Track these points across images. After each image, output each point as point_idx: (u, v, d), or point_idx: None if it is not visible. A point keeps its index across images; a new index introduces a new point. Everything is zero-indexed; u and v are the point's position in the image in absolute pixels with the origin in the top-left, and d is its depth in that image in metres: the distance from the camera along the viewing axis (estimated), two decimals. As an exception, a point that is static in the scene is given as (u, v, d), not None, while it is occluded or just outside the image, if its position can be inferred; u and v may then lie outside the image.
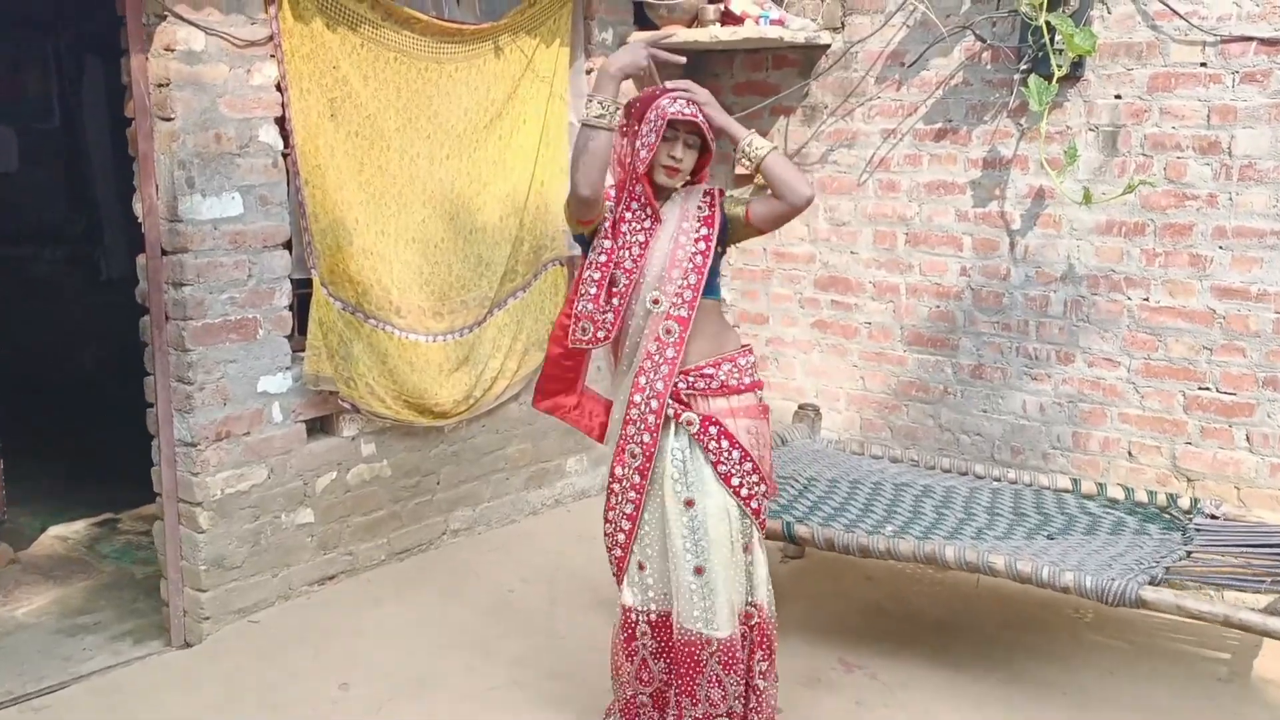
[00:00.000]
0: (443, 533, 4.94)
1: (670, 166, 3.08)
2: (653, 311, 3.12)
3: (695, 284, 3.10)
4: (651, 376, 3.10)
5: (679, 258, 3.11)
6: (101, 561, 4.85)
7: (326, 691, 3.77)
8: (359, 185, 4.29)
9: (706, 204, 3.17)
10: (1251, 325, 4.27)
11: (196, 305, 3.95)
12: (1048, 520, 4.06)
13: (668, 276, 3.10)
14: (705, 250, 3.12)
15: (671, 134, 3.05)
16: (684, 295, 3.10)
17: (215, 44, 3.89)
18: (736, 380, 3.15)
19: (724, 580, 3.09)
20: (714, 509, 3.09)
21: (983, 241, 4.86)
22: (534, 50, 4.84)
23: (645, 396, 3.11)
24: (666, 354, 3.10)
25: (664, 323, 3.10)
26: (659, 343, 3.11)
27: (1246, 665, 3.95)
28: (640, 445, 3.12)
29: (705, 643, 3.10)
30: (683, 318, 3.10)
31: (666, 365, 3.10)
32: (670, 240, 3.13)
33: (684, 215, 3.15)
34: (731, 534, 3.12)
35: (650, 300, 3.11)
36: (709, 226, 3.14)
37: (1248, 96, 4.18)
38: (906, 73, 4.97)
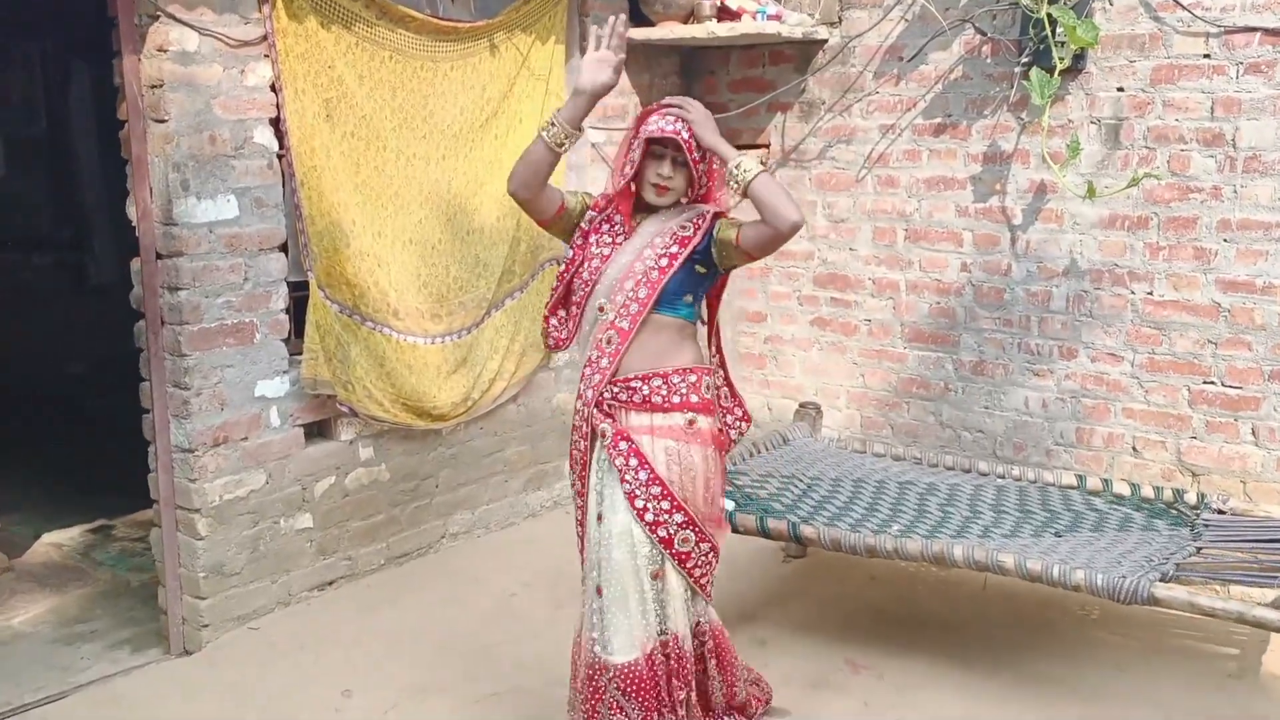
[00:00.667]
0: (442, 536, 4.90)
1: (659, 185, 3.04)
2: (599, 320, 3.08)
3: (644, 297, 3.03)
4: (586, 384, 3.09)
5: (636, 270, 3.04)
6: (97, 569, 4.80)
7: (329, 698, 3.72)
8: (355, 187, 4.24)
9: (693, 225, 3.07)
10: (1257, 318, 4.24)
11: (192, 309, 3.90)
12: (1054, 517, 4.03)
13: (619, 286, 3.05)
14: (666, 266, 3.03)
15: (660, 151, 3.02)
16: (629, 307, 3.03)
17: (209, 44, 3.83)
18: (662, 398, 3.04)
19: (620, 605, 3.02)
20: (618, 529, 3.02)
21: (983, 237, 4.83)
22: (529, 48, 4.80)
23: (582, 403, 3.11)
24: (601, 364, 3.06)
25: (607, 331, 3.06)
26: (599, 350, 3.07)
27: (1255, 661, 3.93)
28: (579, 451, 3.15)
29: (602, 667, 3.05)
30: (623, 329, 3.03)
31: (599, 374, 3.06)
32: (634, 253, 3.07)
33: (660, 231, 3.08)
34: (635, 559, 3.02)
35: (597, 307, 3.08)
36: (683, 245, 3.05)
37: (1252, 88, 4.15)
38: (905, 67, 4.93)
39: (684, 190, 3.08)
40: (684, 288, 3.08)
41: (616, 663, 3.03)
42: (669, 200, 3.07)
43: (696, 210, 3.11)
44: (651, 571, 3.04)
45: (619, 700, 3.04)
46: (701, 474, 3.06)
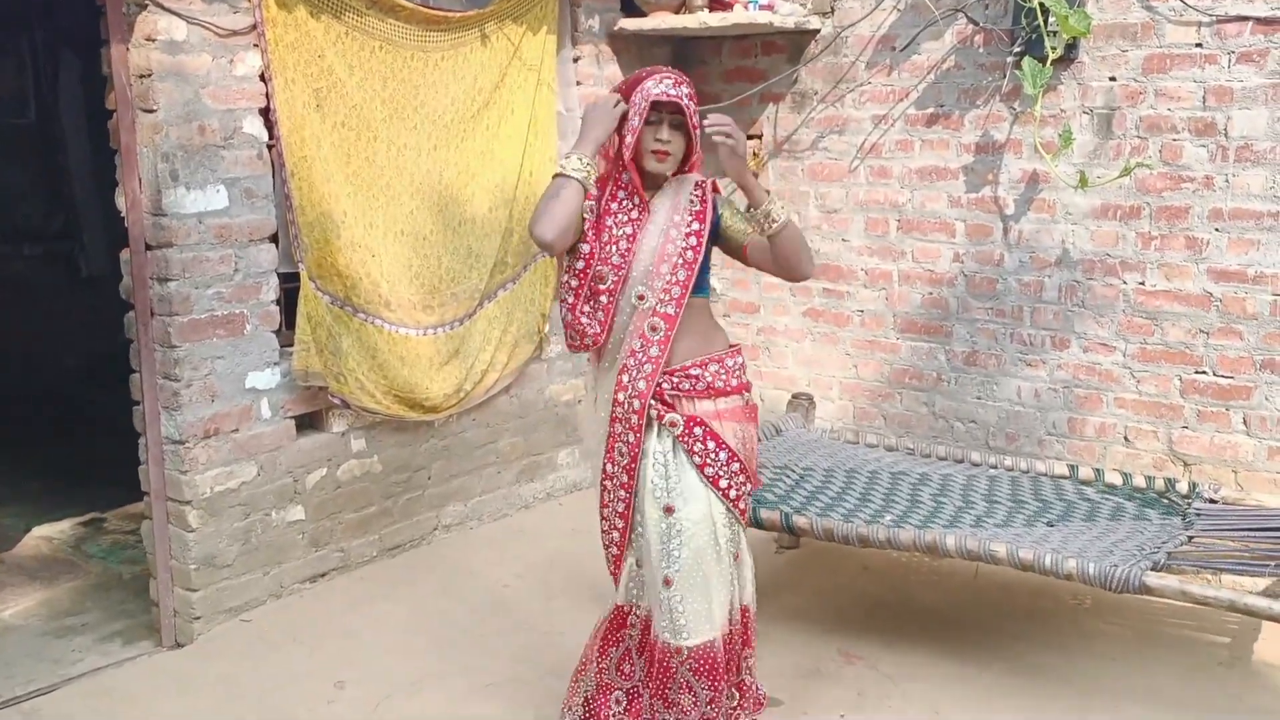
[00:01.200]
0: (434, 528, 4.89)
1: (659, 150, 2.97)
2: (638, 308, 3.00)
3: (684, 280, 3.00)
4: (634, 375, 2.99)
5: (668, 252, 3.00)
6: (88, 561, 4.78)
7: (322, 691, 3.71)
8: (346, 177, 4.23)
9: (698, 196, 3.06)
10: (1249, 308, 4.24)
11: (182, 301, 3.88)
12: (1046, 507, 4.03)
13: (655, 272, 2.99)
14: (697, 245, 3.01)
15: (656, 117, 2.96)
16: (671, 292, 2.99)
17: (197, 33, 3.81)
18: (723, 382, 3.05)
19: (700, 592, 3.01)
20: (697, 516, 3.00)
21: (976, 227, 4.82)
22: (521, 38, 4.78)
23: (628, 395, 3.00)
24: (650, 352, 2.99)
25: (649, 319, 2.99)
26: (643, 340, 3.00)
27: (1247, 649, 3.94)
28: (626, 444, 3.03)
29: (675, 651, 3.05)
30: (669, 315, 2.99)
31: (650, 364, 2.99)
32: (660, 234, 3.01)
33: (675, 207, 3.04)
34: (718, 541, 3.04)
35: (635, 296, 3.00)
36: (700, 221, 3.03)
37: (1244, 77, 4.15)
38: (897, 57, 4.92)
39: (679, 157, 3.01)
40: (707, 264, 3.08)
41: (691, 644, 3.03)
42: (668, 167, 3.01)
43: (692, 180, 3.08)
44: (734, 554, 3.10)
45: (689, 680, 3.05)
46: (755, 447, 3.17)
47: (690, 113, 2.96)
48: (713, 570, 3.03)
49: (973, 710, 3.58)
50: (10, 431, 6.27)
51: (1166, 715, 3.54)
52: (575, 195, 2.92)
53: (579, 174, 2.92)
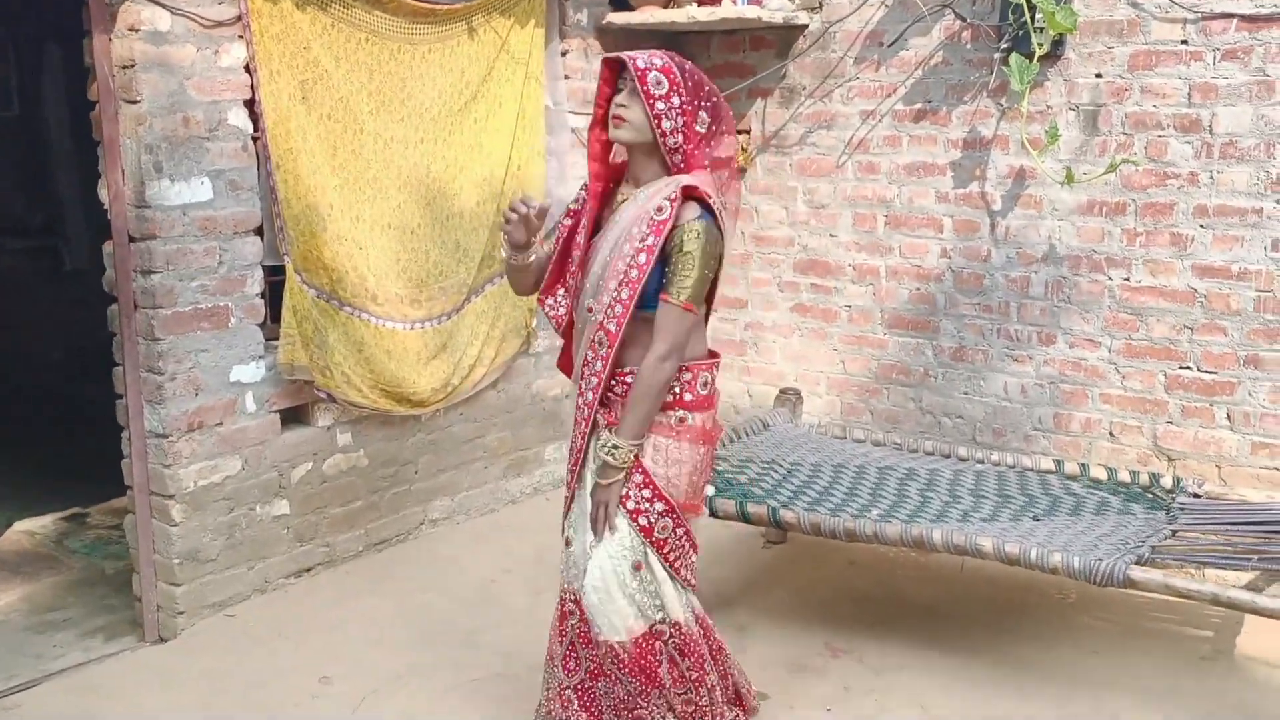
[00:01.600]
0: (421, 523, 4.88)
1: (615, 116, 2.83)
2: (588, 319, 2.96)
3: (626, 299, 2.85)
4: (585, 385, 2.98)
5: (617, 268, 2.87)
6: (70, 557, 4.75)
7: (307, 685, 3.70)
8: (332, 170, 4.21)
9: (669, 205, 2.82)
10: (1233, 304, 4.26)
11: (166, 293, 3.86)
12: (1032, 502, 4.04)
13: (604, 286, 2.90)
14: (645, 264, 2.82)
15: (621, 84, 2.84)
16: (614, 310, 2.88)
17: (182, 24, 3.79)
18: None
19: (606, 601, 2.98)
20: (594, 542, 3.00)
21: (963, 223, 4.83)
22: (508, 31, 4.76)
23: (582, 401, 3.00)
24: (595, 366, 2.94)
25: (596, 333, 2.93)
26: (593, 351, 2.95)
27: (1230, 643, 3.96)
28: (574, 447, 3.06)
29: (596, 643, 3.04)
30: (610, 331, 2.89)
31: (595, 378, 2.94)
32: (612, 246, 2.90)
33: (637, 218, 2.87)
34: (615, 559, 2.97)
35: (585, 308, 2.97)
36: (657, 234, 2.81)
37: (1229, 74, 4.17)
38: (885, 53, 4.92)
39: (641, 128, 2.81)
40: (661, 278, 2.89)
41: (601, 639, 3.02)
42: (626, 134, 2.83)
43: (676, 185, 2.84)
44: (632, 562, 2.98)
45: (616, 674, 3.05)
46: (689, 467, 2.98)
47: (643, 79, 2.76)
48: (613, 583, 2.98)
49: (958, 703, 3.59)
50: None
51: (1149, 708, 3.56)
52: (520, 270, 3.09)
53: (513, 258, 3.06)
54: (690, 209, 2.83)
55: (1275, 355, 4.20)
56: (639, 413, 2.88)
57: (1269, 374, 4.22)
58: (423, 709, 3.57)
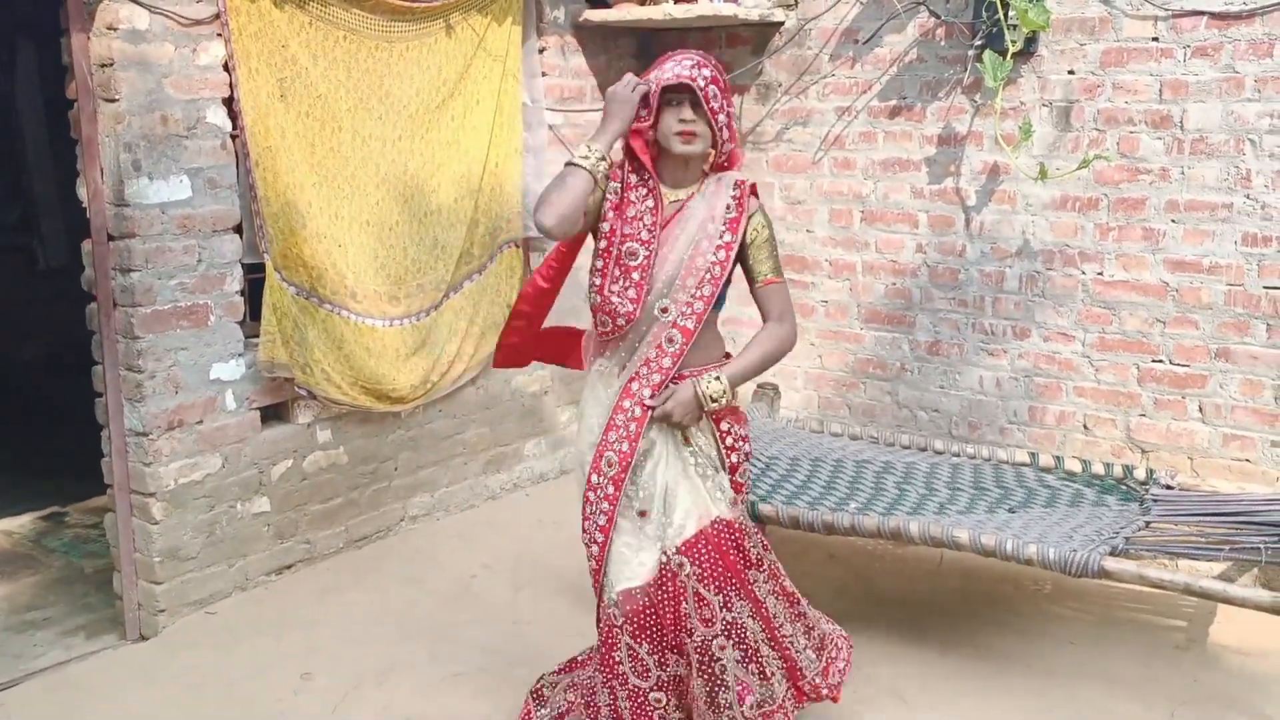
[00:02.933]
0: (401, 519, 4.89)
1: (683, 131, 2.87)
2: (659, 320, 2.94)
3: (708, 296, 2.93)
4: (643, 384, 2.95)
5: (697, 265, 2.92)
6: (49, 556, 4.74)
7: (288, 682, 3.70)
8: (311, 167, 4.21)
9: (735, 202, 2.95)
10: (1203, 298, 4.32)
11: (145, 291, 3.85)
12: (1008, 494, 4.09)
13: (681, 284, 2.92)
14: (725, 260, 2.93)
15: (676, 99, 2.87)
16: (694, 306, 2.92)
17: (160, 22, 3.79)
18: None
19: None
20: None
21: (938, 218, 4.88)
22: (485, 29, 4.77)
23: (633, 404, 2.95)
24: (663, 363, 2.94)
25: (668, 331, 2.93)
26: (659, 350, 2.94)
27: (1203, 632, 4.01)
28: (618, 454, 2.96)
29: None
30: (688, 329, 2.93)
31: (659, 374, 2.94)
32: (690, 244, 2.92)
33: (709, 216, 2.94)
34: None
35: (659, 308, 2.93)
36: (733, 231, 2.93)
37: (1199, 71, 4.22)
38: (860, 50, 4.96)
39: (708, 139, 2.90)
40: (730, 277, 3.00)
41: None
42: (697, 148, 2.90)
43: (731, 180, 2.97)
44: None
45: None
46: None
47: (707, 96, 2.85)
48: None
49: (936, 693, 3.64)
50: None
51: (1124, 697, 3.61)
52: (581, 184, 2.85)
53: (587, 163, 2.86)
54: (751, 202, 3.00)
55: (1245, 348, 4.26)
56: (754, 369, 3.02)
57: (1239, 366, 4.28)
58: (404, 704, 3.58)
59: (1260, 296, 4.21)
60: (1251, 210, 4.19)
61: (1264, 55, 4.09)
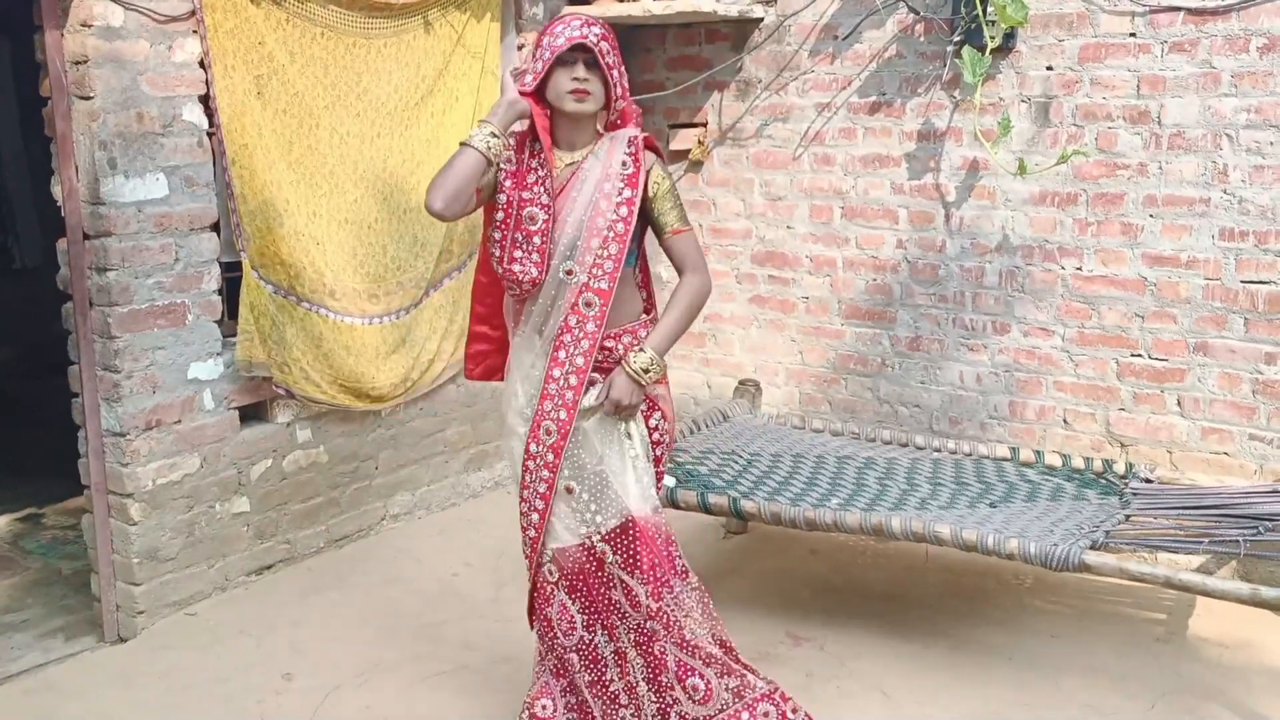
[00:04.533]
0: (382, 518, 4.87)
1: (576, 89, 2.84)
2: (566, 283, 2.91)
3: (616, 254, 2.90)
4: (571, 351, 2.93)
5: (598, 225, 2.89)
6: (26, 558, 4.70)
7: (270, 683, 3.68)
8: (288, 165, 4.18)
9: (631, 158, 2.92)
10: (1182, 292, 4.34)
11: (121, 291, 3.82)
12: (988, 489, 4.10)
13: (585, 245, 2.89)
14: (628, 216, 2.89)
15: (570, 58, 2.84)
16: (603, 266, 2.89)
17: (135, 19, 3.75)
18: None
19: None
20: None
21: (918, 214, 4.89)
22: (464, 25, 4.75)
23: (564, 372, 2.94)
24: (587, 328, 2.92)
25: (583, 294, 2.91)
26: (579, 316, 2.92)
27: (1182, 625, 4.04)
28: (556, 423, 2.95)
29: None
30: (603, 290, 2.90)
31: (587, 339, 2.92)
32: (588, 204, 2.90)
33: (606, 174, 2.91)
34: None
35: (564, 271, 2.91)
36: (633, 187, 2.90)
37: (1176, 66, 4.24)
38: (840, 46, 4.96)
39: (601, 97, 2.89)
40: (638, 233, 2.97)
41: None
42: (589, 106, 2.88)
43: (625, 138, 2.94)
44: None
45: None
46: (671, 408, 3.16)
47: (601, 52, 2.84)
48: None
49: (918, 688, 3.65)
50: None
51: (1105, 689, 3.63)
52: (469, 163, 2.83)
53: (479, 142, 2.85)
54: (648, 156, 2.97)
55: (1223, 342, 4.29)
56: (677, 329, 2.99)
57: (1218, 360, 4.30)
58: (386, 704, 3.57)
59: (1238, 291, 4.23)
60: (1229, 205, 4.21)
61: (1240, 50, 4.12)
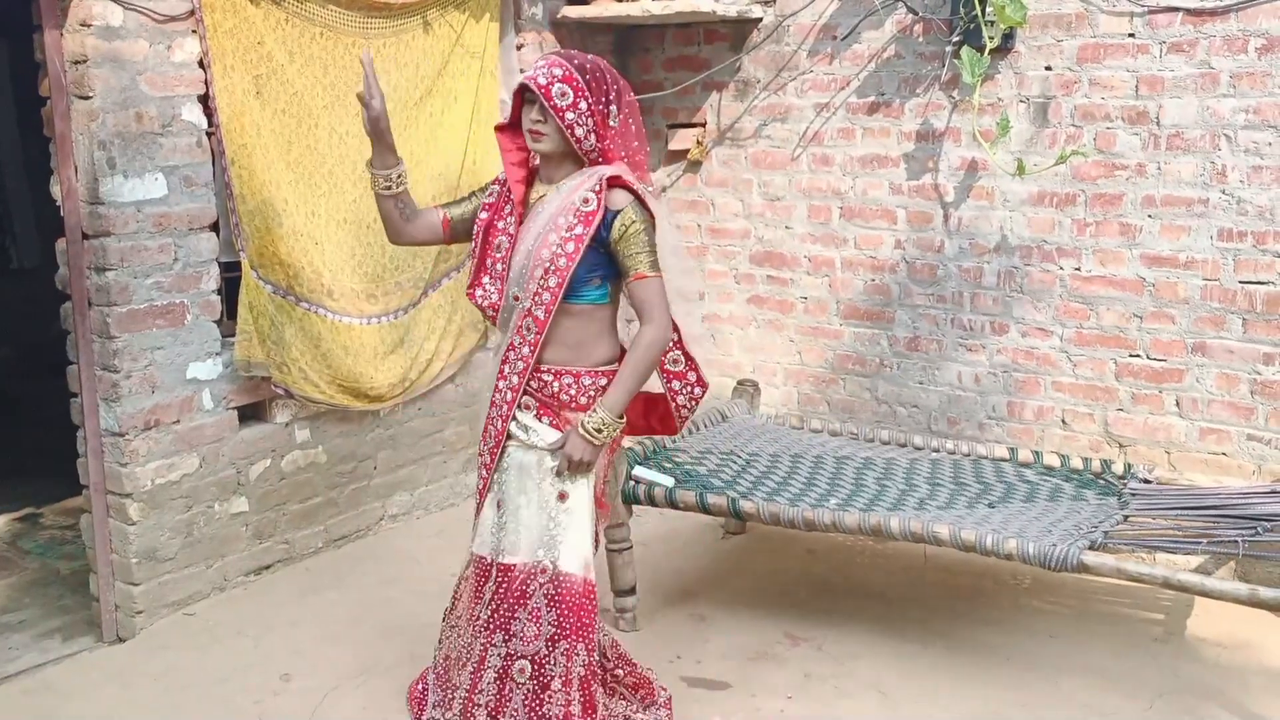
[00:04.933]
0: (381, 518, 4.86)
1: (532, 130, 2.93)
2: (515, 306, 3.04)
3: (554, 287, 2.94)
4: (509, 370, 3.07)
5: (542, 256, 2.95)
6: (24, 558, 4.70)
7: (268, 683, 3.68)
8: (287, 165, 4.18)
9: (594, 195, 2.92)
10: (1180, 292, 4.35)
11: (120, 290, 3.82)
12: (987, 489, 4.10)
13: (530, 275, 2.98)
14: (573, 252, 2.92)
15: (530, 97, 2.92)
16: (541, 297, 2.97)
17: (134, 19, 3.75)
18: (570, 397, 3.04)
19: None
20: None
21: (917, 214, 4.89)
22: (463, 25, 4.75)
23: (505, 386, 3.08)
24: (523, 351, 3.04)
25: (525, 320, 3.02)
26: (520, 337, 3.04)
27: (1181, 625, 4.04)
28: (494, 430, 3.11)
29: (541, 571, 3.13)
30: (539, 318, 2.99)
31: (521, 362, 3.04)
32: (536, 237, 2.97)
33: (562, 209, 2.95)
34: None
35: (512, 295, 3.04)
36: (586, 225, 2.91)
37: (1174, 66, 4.25)
38: (838, 46, 4.97)
39: (559, 139, 2.92)
40: (594, 270, 2.98)
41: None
42: (545, 146, 2.93)
43: (597, 176, 2.95)
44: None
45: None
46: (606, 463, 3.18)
47: (549, 94, 2.86)
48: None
49: (917, 688, 3.65)
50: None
51: (1104, 689, 3.63)
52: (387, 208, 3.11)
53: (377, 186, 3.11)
54: (619, 196, 2.94)
55: (1221, 343, 4.29)
56: (630, 386, 2.97)
57: (1216, 361, 4.31)
58: (384, 705, 3.56)
59: (1236, 291, 4.24)
60: (1227, 205, 4.21)
61: (1239, 51, 4.12)
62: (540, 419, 3.06)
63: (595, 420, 2.96)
